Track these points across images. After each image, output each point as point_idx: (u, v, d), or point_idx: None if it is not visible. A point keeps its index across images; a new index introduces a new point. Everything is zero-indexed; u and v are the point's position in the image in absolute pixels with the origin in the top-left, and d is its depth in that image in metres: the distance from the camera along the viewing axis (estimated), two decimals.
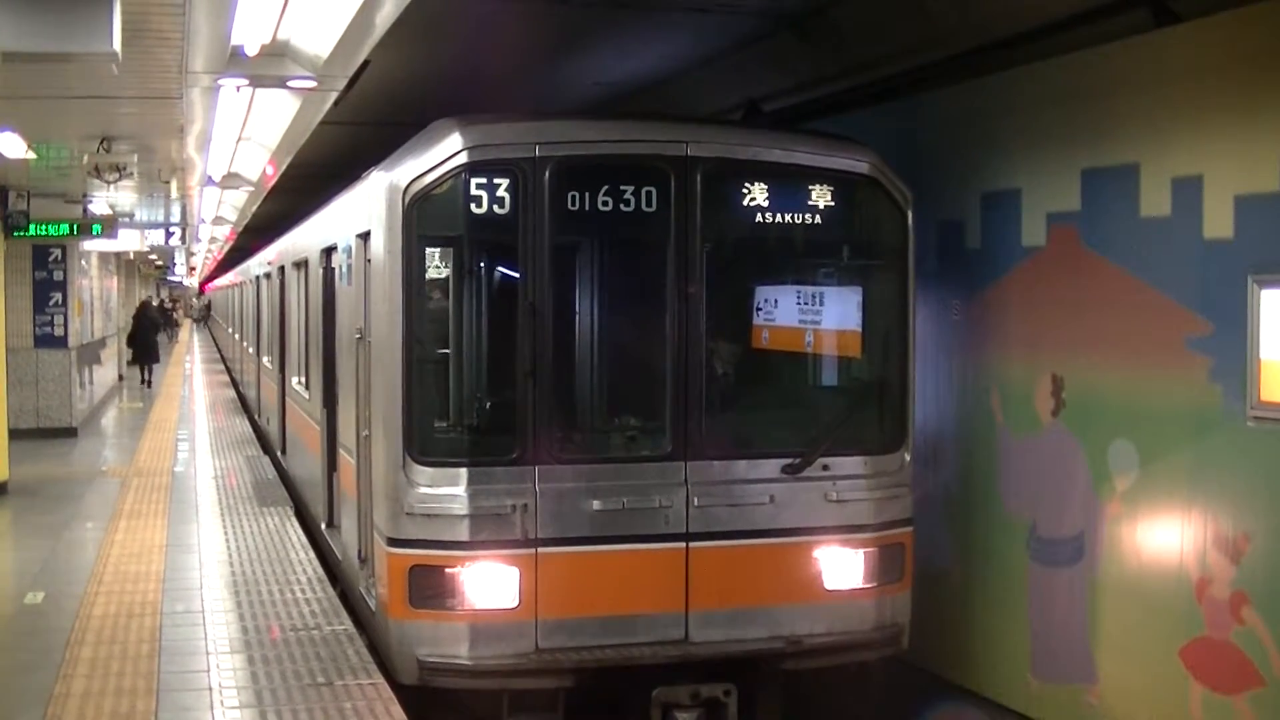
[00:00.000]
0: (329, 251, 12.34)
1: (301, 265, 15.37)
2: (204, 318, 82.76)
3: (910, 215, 9.43)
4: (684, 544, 8.79)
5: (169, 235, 26.56)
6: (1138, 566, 8.88)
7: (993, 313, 10.31)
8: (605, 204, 8.79)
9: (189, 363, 48.06)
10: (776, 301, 10.11)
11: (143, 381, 35.18)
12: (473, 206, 8.57)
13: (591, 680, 8.57)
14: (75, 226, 19.53)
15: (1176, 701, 8.49)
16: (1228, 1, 8.09)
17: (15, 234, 18.55)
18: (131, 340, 36.43)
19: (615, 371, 9.53)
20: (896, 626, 9.32)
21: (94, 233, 19.96)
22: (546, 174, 8.63)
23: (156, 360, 37.70)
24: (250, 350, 27.20)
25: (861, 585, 9.13)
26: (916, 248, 9.55)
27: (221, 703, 8.14)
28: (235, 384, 34.19)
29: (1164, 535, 8.65)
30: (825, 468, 9.09)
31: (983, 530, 10.46)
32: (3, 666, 9.22)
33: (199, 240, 38.83)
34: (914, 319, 9.61)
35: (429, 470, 8.63)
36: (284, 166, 17.10)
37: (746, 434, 9.42)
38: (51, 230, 19.33)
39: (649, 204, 8.82)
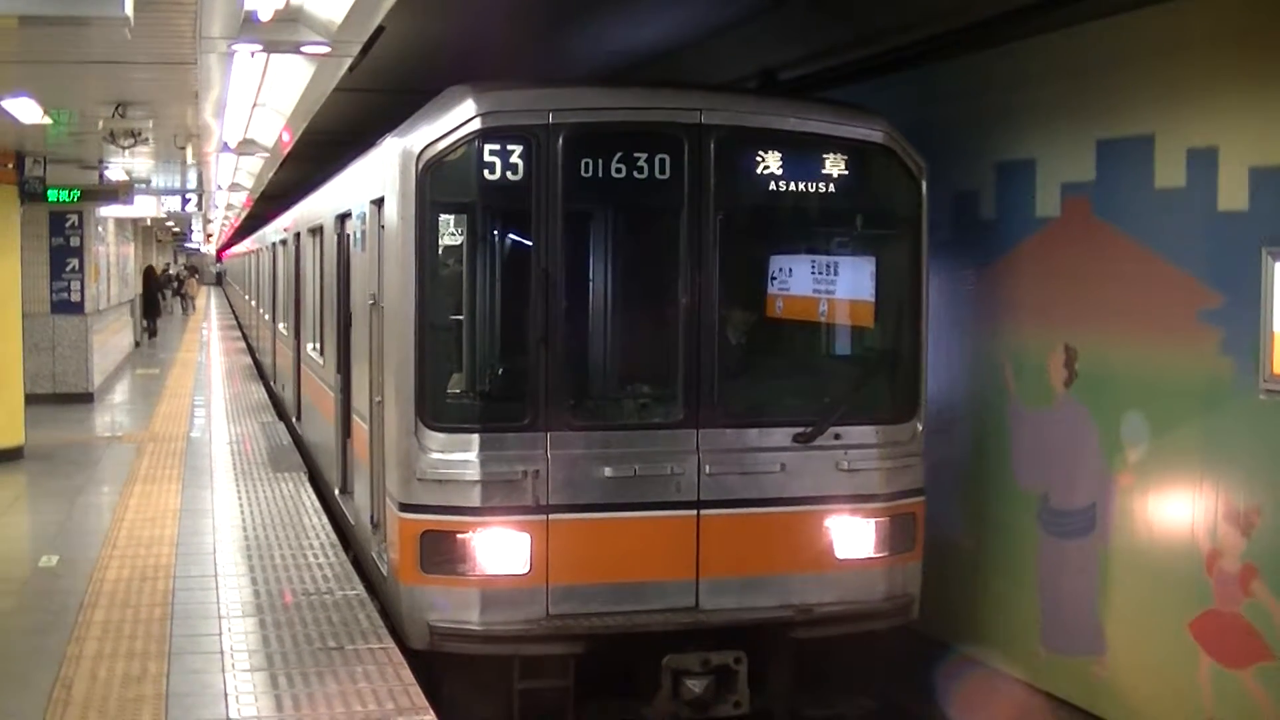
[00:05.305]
0: (343, 218, 12.34)
1: (316, 231, 15.39)
2: (218, 281, 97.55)
3: (924, 185, 9.40)
4: (695, 511, 8.81)
5: (185, 202, 26.52)
6: (1148, 539, 8.88)
7: (1006, 283, 10.29)
8: (619, 171, 8.77)
9: (205, 329, 48.17)
10: (791, 270, 10.09)
11: (151, 335, 39.65)
12: (486, 173, 8.57)
13: (602, 647, 8.60)
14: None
15: (1185, 674, 8.50)
16: None
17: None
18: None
19: (628, 338, 9.53)
20: (907, 596, 9.34)
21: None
22: (560, 141, 8.61)
23: (159, 314, 43.16)
24: (266, 317, 27.26)
25: (872, 555, 9.14)
26: (930, 217, 9.53)
27: (233, 666, 8.19)
28: (251, 350, 34.29)
29: (1175, 508, 8.64)
30: (837, 436, 9.09)
31: (994, 501, 10.46)
32: (17, 628, 9.29)
33: (215, 207, 38.92)
34: (927, 289, 9.59)
35: (441, 436, 8.65)
36: (299, 133, 17.06)
37: (759, 402, 9.40)
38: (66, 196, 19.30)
39: (662, 171, 8.81)
